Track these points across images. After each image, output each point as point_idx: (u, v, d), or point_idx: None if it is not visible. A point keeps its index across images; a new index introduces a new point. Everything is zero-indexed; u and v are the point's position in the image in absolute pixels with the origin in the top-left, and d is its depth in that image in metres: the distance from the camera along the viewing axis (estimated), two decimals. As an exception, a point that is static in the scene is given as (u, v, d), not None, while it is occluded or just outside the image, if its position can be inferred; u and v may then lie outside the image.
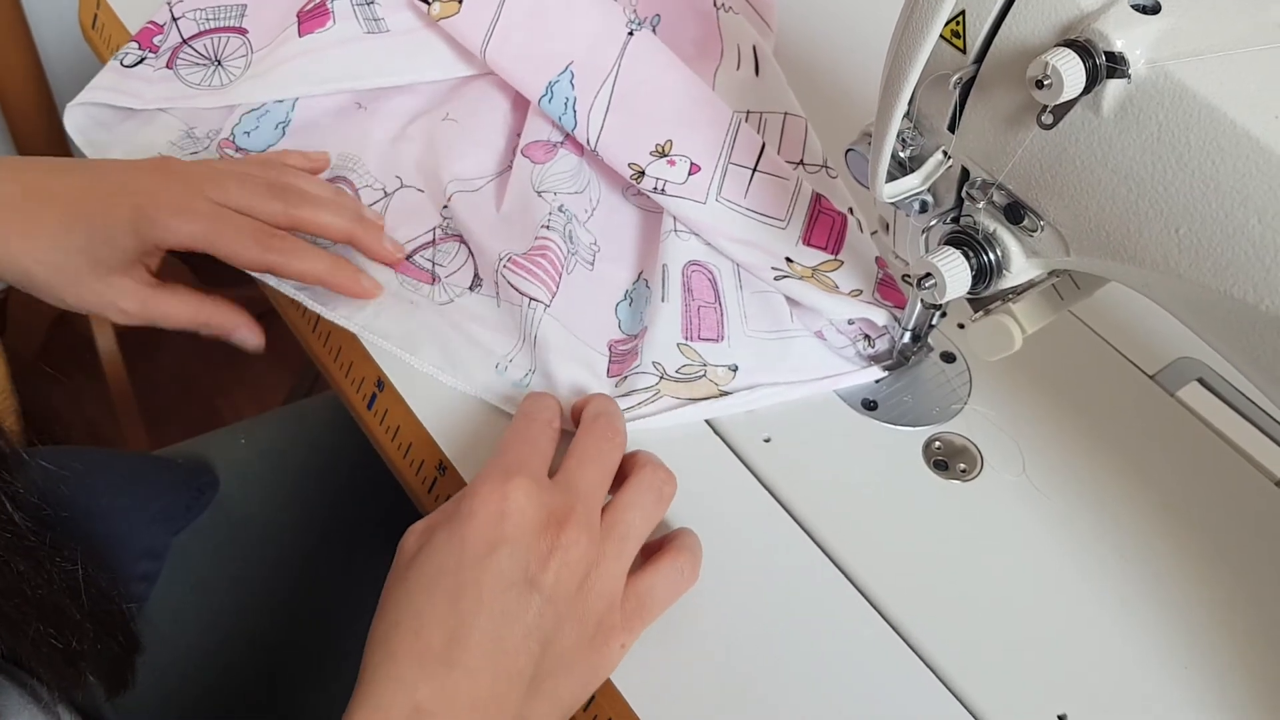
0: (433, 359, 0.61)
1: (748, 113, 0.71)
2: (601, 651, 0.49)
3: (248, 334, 0.63)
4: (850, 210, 0.67)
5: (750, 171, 0.66)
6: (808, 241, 0.65)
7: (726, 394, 0.60)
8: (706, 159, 0.66)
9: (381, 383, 0.62)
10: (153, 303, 0.60)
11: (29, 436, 0.98)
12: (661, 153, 0.65)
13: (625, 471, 0.53)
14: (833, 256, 0.64)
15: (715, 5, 0.74)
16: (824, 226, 0.65)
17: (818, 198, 0.66)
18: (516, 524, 0.48)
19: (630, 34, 0.68)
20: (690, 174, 0.65)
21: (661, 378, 0.59)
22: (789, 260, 0.64)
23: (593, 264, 0.65)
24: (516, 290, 0.61)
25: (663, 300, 0.62)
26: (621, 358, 0.62)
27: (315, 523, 0.79)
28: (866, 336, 0.63)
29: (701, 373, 0.60)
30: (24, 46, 1.30)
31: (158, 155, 0.64)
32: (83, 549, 0.50)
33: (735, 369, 0.61)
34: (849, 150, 0.54)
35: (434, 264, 0.65)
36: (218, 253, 0.58)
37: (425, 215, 0.67)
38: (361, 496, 0.80)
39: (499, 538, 0.47)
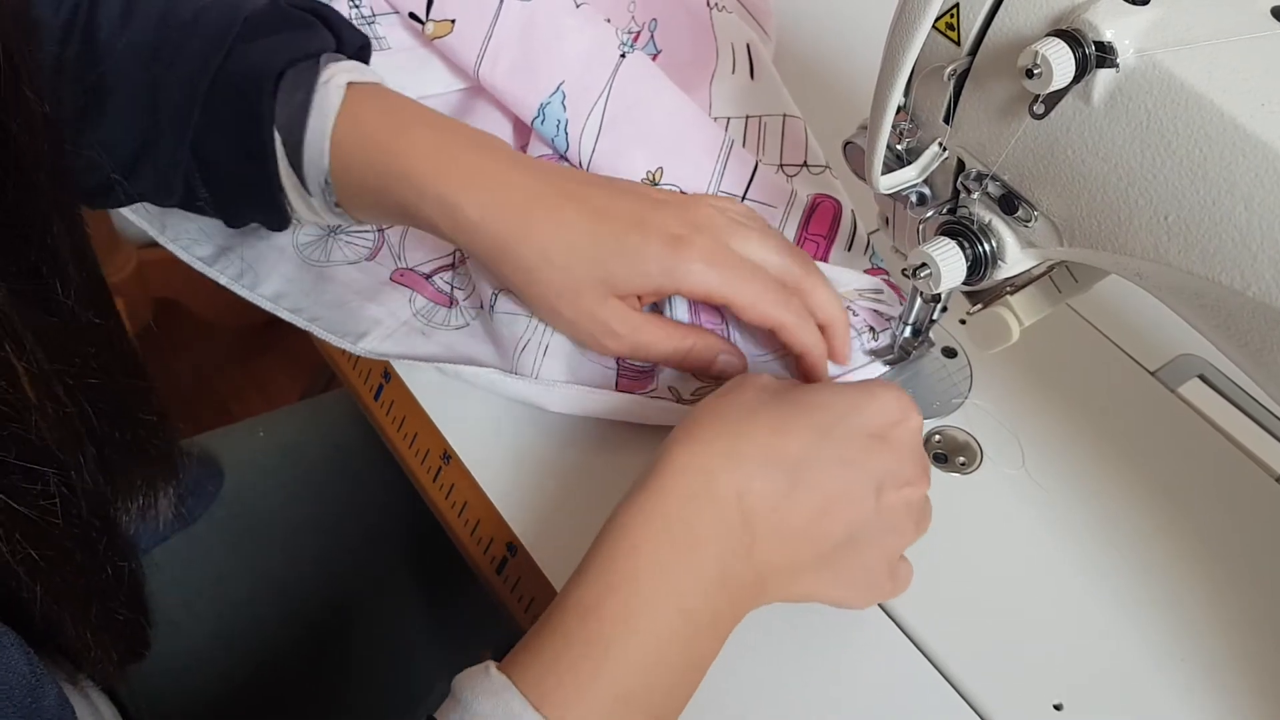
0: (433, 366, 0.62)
1: (747, 117, 0.71)
2: (866, 595, 0.52)
3: (731, 359, 0.60)
4: (852, 213, 0.67)
5: (740, 200, 0.66)
6: None
7: None
8: (695, 188, 0.66)
9: (388, 374, 0.63)
10: (643, 331, 0.57)
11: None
12: (652, 181, 0.65)
13: None
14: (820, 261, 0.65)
15: (709, 4, 0.75)
16: (809, 251, 0.66)
17: (811, 208, 0.67)
18: (906, 437, 0.50)
19: (622, 56, 0.67)
20: None
21: (678, 400, 0.60)
22: None
23: None
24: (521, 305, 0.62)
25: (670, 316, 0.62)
26: (632, 375, 0.62)
27: (328, 516, 0.80)
28: (871, 329, 0.64)
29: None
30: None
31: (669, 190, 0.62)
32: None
33: None
34: (847, 143, 0.55)
35: (453, 287, 0.66)
36: (734, 302, 0.56)
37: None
38: (374, 491, 0.81)
39: (884, 433, 0.50)
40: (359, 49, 0.62)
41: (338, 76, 0.57)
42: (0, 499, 0.39)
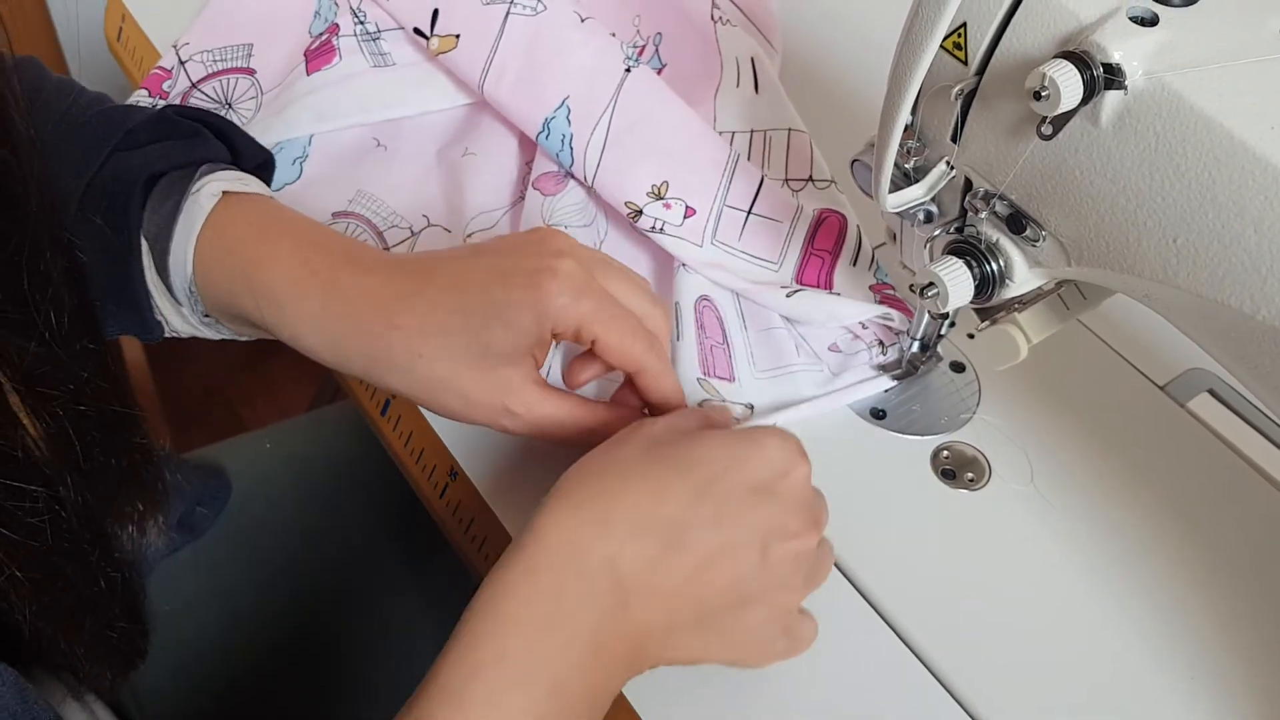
0: None
1: (751, 131, 0.71)
2: (758, 656, 0.50)
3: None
4: (858, 228, 0.67)
5: (745, 214, 0.66)
6: (800, 280, 0.65)
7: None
8: (702, 202, 0.66)
9: (395, 390, 0.63)
10: (542, 408, 0.53)
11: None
12: (658, 195, 0.65)
13: None
14: (828, 292, 0.65)
15: (713, 19, 0.74)
16: (814, 267, 0.65)
17: (817, 223, 0.67)
18: (793, 488, 0.49)
19: (627, 70, 0.67)
20: (686, 217, 0.65)
21: None
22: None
23: None
24: None
25: (678, 339, 0.63)
26: None
27: (335, 528, 0.80)
28: (880, 342, 0.63)
29: (722, 401, 0.61)
30: (52, 60, 1.33)
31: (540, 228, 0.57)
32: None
33: (751, 408, 0.61)
34: (854, 161, 0.55)
35: None
36: (602, 340, 0.52)
37: None
38: (381, 503, 0.81)
39: (770, 486, 0.48)
40: (260, 165, 0.60)
41: (211, 185, 0.55)
42: None
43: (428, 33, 0.68)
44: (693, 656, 0.48)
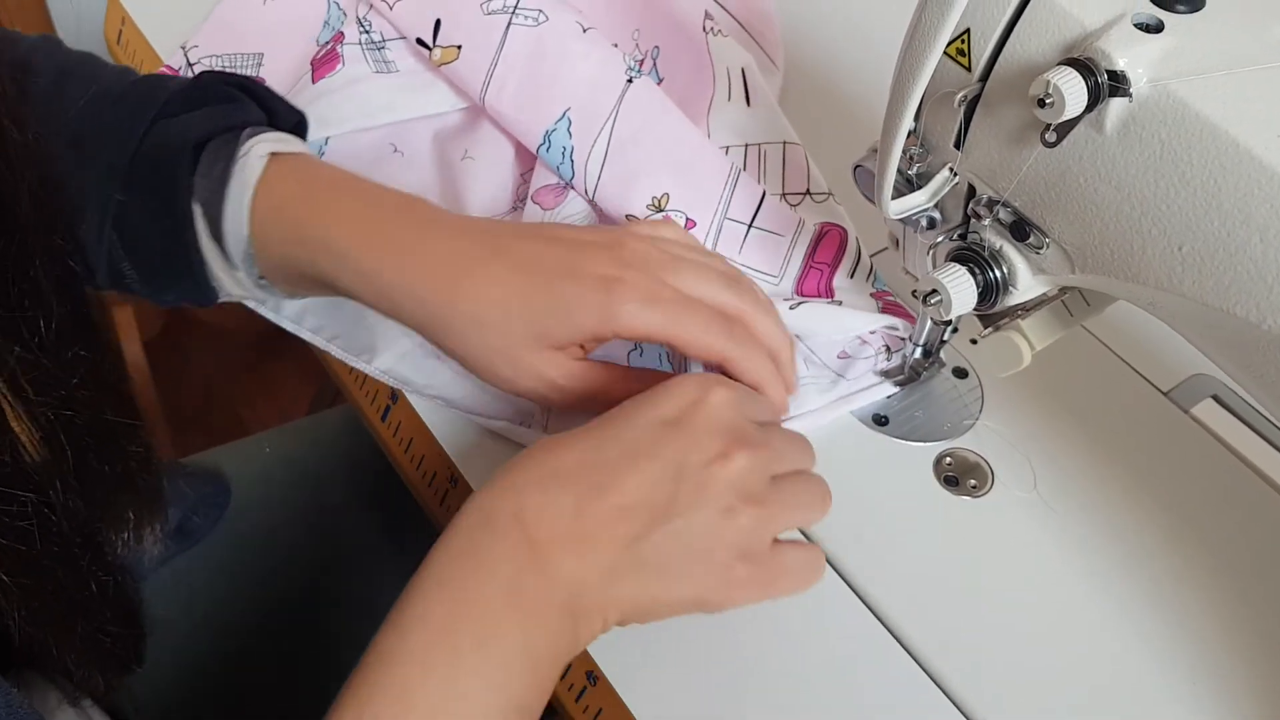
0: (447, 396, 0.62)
1: (746, 145, 0.70)
2: (717, 588, 0.48)
3: None
4: (856, 240, 0.67)
5: (746, 228, 0.66)
6: (800, 292, 0.65)
7: None
8: (703, 214, 0.65)
9: (395, 395, 0.63)
10: (585, 382, 0.54)
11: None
12: (658, 207, 0.65)
13: None
14: (829, 301, 0.64)
15: (704, 30, 0.74)
16: (813, 279, 0.65)
17: (819, 237, 0.66)
18: (706, 413, 0.48)
19: (629, 81, 0.67)
20: (687, 229, 0.64)
21: None
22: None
23: None
24: None
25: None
26: None
27: (335, 532, 0.80)
28: (888, 348, 0.63)
29: None
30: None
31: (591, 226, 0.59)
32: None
33: None
34: (857, 166, 0.54)
35: None
36: (676, 341, 0.53)
37: None
38: (380, 508, 0.81)
39: (679, 418, 0.48)
40: (295, 125, 0.61)
41: (258, 147, 0.56)
42: None
43: (430, 44, 0.68)
44: (647, 603, 0.47)
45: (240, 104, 0.58)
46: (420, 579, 0.45)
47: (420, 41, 0.69)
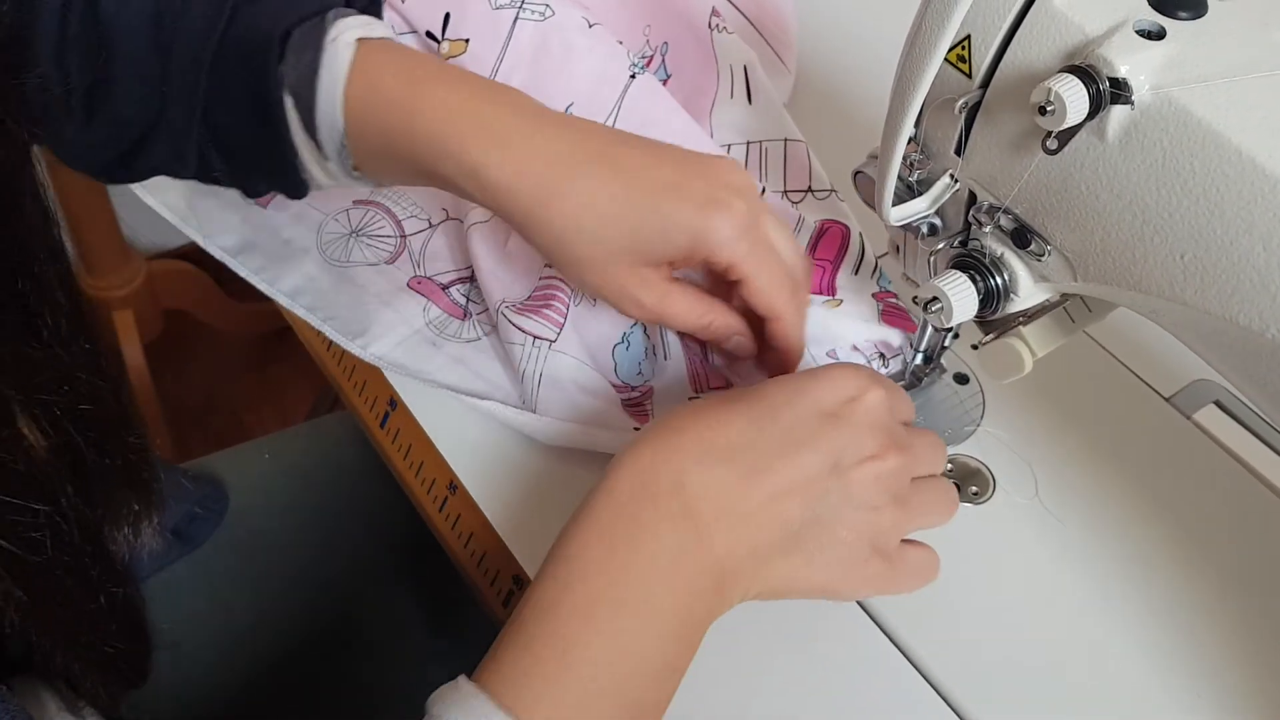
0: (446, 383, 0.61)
1: (748, 143, 0.70)
2: (850, 579, 0.50)
3: (743, 341, 0.58)
4: (860, 235, 0.66)
5: None
6: None
7: None
8: None
9: (394, 401, 0.63)
10: (669, 300, 0.55)
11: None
12: None
13: None
14: (830, 297, 0.64)
15: (710, 27, 0.74)
16: (815, 276, 0.65)
17: (819, 234, 0.66)
18: (864, 410, 0.49)
19: (632, 77, 0.67)
20: None
21: None
22: None
23: (595, 301, 0.65)
24: (520, 330, 0.61)
25: (665, 359, 0.62)
26: (632, 405, 0.62)
27: (334, 538, 0.80)
28: (881, 355, 0.63)
29: None
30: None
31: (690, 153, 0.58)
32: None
33: None
34: (857, 172, 0.54)
35: (468, 299, 0.66)
36: (750, 281, 0.54)
37: (464, 249, 0.68)
38: (380, 514, 0.81)
39: (837, 411, 0.49)
40: (369, 3, 0.59)
41: (346, 33, 0.55)
42: None
43: (439, 36, 0.68)
44: (785, 584, 0.49)
45: None
46: (579, 535, 0.47)
47: (430, 35, 0.69)
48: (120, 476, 0.50)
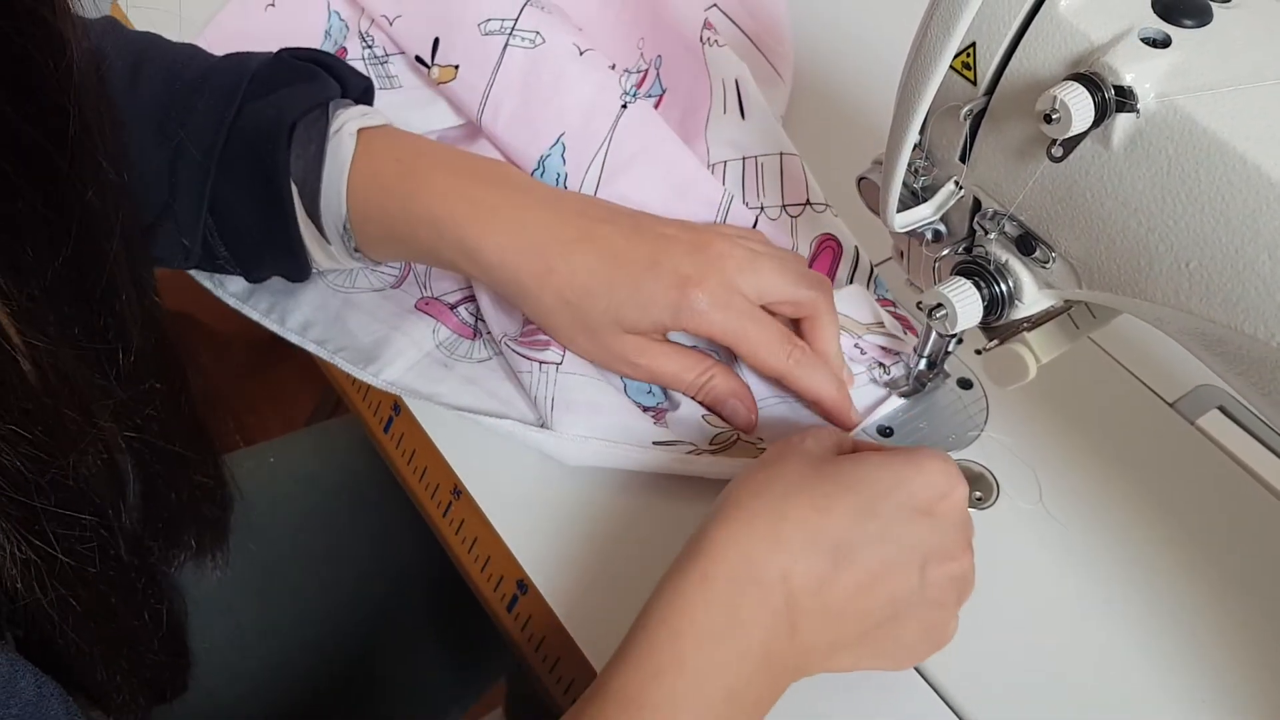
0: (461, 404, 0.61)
1: (743, 159, 0.70)
2: (902, 663, 0.51)
3: (738, 406, 0.60)
4: (856, 249, 0.66)
5: None
6: None
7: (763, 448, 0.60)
8: None
9: (398, 406, 0.63)
10: (660, 361, 0.59)
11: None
12: None
13: None
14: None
15: (702, 40, 0.73)
16: None
17: (815, 254, 0.66)
18: (952, 509, 0.50)
19: (624, 106, 0.67)
20: None
21: (696, 452, 0.59)
22: None
23: None
24: (526, 358, 0.61)
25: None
26: (649, 412, 0.62)
27: (339, 544, 0.80)
28: (881, 364, 0.63)
29: (734, 437, 0.60)
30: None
31: (678, 222, 0.62)
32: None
33: (760, 439, 0.61)
34: (861, 179, 0.54)
35: (477, 319, 0.65)
36: (737, 348, 0.58)
37: None
38: (385, 519, 0.81)
39: (930, 507, 0.49)
40: (363, 92, 0.63)
41: (349, 124, 0.58)
42: (36, 544, 0.39)
43: (429, 61, 0.68)
44: (845, 668, 0.50)
45: (320, 79, 0.60)
46: (670, 619, 0.46)
47: (420, 59, 0.69)
48: (182, 511, 0.52)
